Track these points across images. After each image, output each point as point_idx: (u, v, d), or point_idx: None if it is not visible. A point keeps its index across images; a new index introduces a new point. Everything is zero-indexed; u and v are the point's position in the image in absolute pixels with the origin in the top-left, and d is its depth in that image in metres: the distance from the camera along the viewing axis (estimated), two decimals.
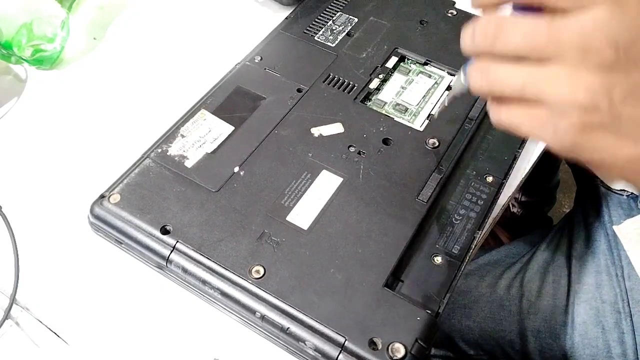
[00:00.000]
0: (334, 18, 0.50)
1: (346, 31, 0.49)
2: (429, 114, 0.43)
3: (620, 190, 0.54)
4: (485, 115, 0.43)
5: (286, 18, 0.51)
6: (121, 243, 0.37)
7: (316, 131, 0.41)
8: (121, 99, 0.48)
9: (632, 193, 0.54)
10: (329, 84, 0.45)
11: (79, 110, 0.48)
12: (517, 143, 0.42)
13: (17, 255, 0.38)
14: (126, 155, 0.40)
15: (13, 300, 0.36)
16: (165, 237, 0.35)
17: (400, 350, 0.31)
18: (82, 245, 0.39)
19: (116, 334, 0.35)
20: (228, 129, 0.41)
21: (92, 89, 0.49)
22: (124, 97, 0.49)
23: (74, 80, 0.50)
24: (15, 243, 0.38)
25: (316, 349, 0.32)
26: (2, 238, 0.39)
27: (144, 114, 0.47)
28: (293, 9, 0.53)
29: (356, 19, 0.50)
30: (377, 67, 0.46)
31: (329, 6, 0.52)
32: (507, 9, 0.25)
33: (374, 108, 0.44)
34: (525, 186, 0.78)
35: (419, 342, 0.31)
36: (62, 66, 0.51)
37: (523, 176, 0.44)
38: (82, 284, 0.37)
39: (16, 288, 0.36)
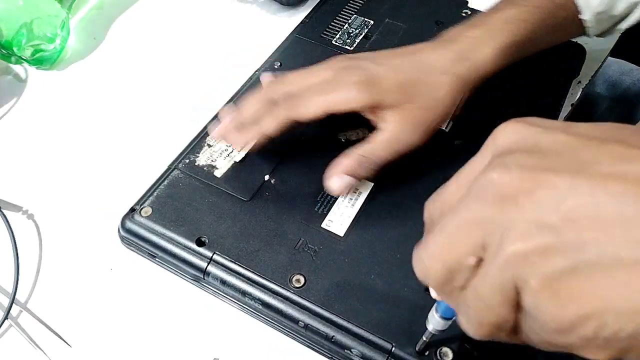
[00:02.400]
0: (349, 21, 0.50)
1: (363, 34, 0.49)
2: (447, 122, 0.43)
3: None
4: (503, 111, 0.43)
5: (302, 22, 0.51)
6: (154, 257, 0.37)
7: (343, 136, 0.41)
8: (122, 99, 0.48)
9: None
10: None
11: (79, 111, 0.47)
12: None
13: (17, 255, 0.37)
14: (126, 156, 0.41)
15: (13, 300, 0.36)
16: (201, 249, 0.35)
17: (448, 354, 0.31)
18: (81, 245, 0.39)
19: (117, 335, 0.35)
20: None
21: (92, 89, 0.49)
22: (125, 97, 0.48)
23: (75, 81, 0.50)
24: (15, 243, 0.38)
25: (363, 357, 0.32)
26: (2, 238, 0.39)
27: (144, 115, 0.47)
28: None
29: (372, 22, 0.50)
30: None
31: (344, 9, 0.51)
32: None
33: None
34: None
35: (466, 345, 0.31)
36: (62, 66, 0.51)
37: None
38: (81, 284, 0.37)
39: (16, 288, 0.36)
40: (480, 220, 0.18)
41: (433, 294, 0.24)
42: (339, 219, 0.37)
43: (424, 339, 0.29)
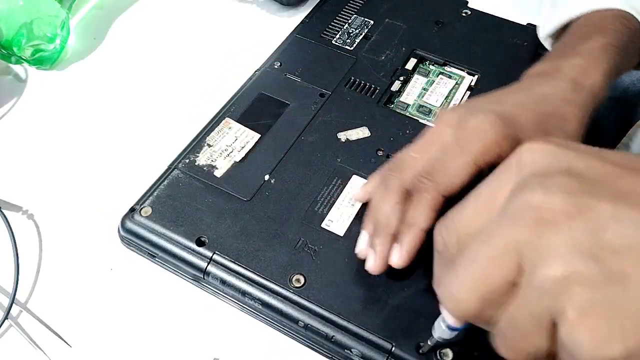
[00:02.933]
0: (349, 21, 0.50)
1: (363, 34, 0.49)
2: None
3: None
4: None
5: (302, 22, 0.51)
6: (154, 257, 0.37)
7: (342, 136, 0.41)
8: (122, 99, 0.48)
9: None
10: (350, 88, 0.45)
11: (79, 111, 0.47)
12: None
13: (17, 255, 0.37)
14: (126, 156, 0.41)
15: (13, 300, 0.36)
16: (201, 249, 0.35)
17: (448, 354, 0.31)
18: (81, 245, 0.39)
19: (117, 335, 0.35)
20: (254, 136, 0.41)
21: (92, 89, 0.49)
22: (125, 98, 0.48)
23: (75, 81, 0.50)
24: (15, 243, 0.38)
25: (363, 357, 0.32)
26: (2, 238, 0.39)
27: (144, 115, 0.47)
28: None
29: (372, 22, 0.50)
30: (397, 69, 0.46)
31: (344, 9, 0.51)
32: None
33: (398, 111, 0.44)
34: None
35: (466, 344, 0.31)
36: (62, 66, 0.51)
37: None
38: (81, 284, 0.37)
39: (16, 288, 0.36)
40: (516, 245, 0.17)
41: (449, 318, 0.23)
42: (339, 218, 0.37)
43: (429, 343, 0.29)
